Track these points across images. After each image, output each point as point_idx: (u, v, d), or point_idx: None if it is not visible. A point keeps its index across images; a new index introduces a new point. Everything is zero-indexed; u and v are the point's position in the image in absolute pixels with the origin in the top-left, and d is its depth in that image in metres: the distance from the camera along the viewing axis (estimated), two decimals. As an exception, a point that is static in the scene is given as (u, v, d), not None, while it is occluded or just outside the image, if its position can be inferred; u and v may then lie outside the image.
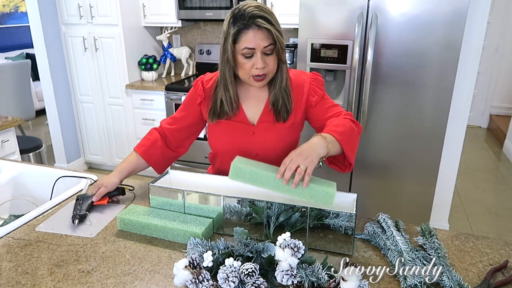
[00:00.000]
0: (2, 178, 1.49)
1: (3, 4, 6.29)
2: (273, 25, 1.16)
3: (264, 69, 1.20)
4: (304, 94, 1.32)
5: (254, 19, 1.15)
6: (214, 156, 1.44)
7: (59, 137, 3.57)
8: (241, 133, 1.33)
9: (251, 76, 1.22)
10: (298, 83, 1.33)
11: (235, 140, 1.33)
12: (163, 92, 3.15)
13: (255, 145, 1.32)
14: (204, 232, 1.06)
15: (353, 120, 1.28)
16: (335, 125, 1.22)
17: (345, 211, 1.01)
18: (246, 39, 1.17)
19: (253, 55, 1.19)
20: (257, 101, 1.33)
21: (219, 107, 1.30)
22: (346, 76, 2.34)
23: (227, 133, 1.34)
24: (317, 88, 1.33)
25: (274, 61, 1.22)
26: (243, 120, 1.33)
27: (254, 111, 1.33)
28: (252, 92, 1.33)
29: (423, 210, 2.44)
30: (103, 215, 1.22)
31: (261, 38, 1.16)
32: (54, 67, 3.39)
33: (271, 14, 1.18)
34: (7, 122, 2.32)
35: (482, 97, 5.00)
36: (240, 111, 1.33)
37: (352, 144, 1.22)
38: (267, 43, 1.17)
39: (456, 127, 2.44)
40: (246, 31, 1.16)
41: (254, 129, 1.32)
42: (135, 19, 3.30)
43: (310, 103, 1.32)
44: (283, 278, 0.86)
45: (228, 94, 1.28)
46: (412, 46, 2.17)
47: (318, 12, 2.29)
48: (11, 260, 1.01)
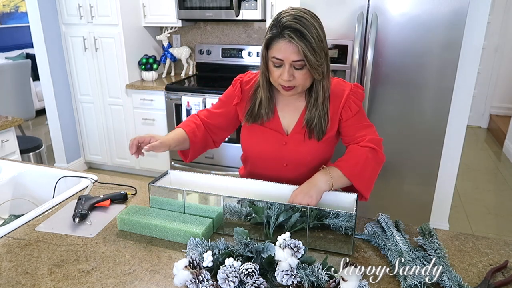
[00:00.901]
0: (2, 178, 1.49)
1: (3, 4, 6.29)
2: (306, 41, 1.08)
3: (290, 82, 1.15)
4: (340, 107, 1.25)
5: (286, 30, 1.08)
6: (245, 158, 1.41)
7: (59, 137, 3.57)
8: (274, 142, 1.29)
9: (279, 84, 1.18)
10: (335, 93, 1.25)
11: (267, 148, 1.30)
12: (163, 92, 3.15)
13: (286, 155, 1.28)
14: (204, 232, 1.06)
15: (374, 149, 1.21)
16: (349, 157, 1.21)
17: (345, 211, 1.01)
18: (276, 49, 1.11)
19: (282, 65, 1.13)
20: (293, 110, 1.28)
21: (257, 108, 1.27)
22: (346, 76, 2.34)
23: (260, 139, 1.30)
24: (354, 103, 1.25)
25: (304, 76, 1.14)
26: (277, 128, 1.28)
27: (289, 120, 1.29)
28: (290, 100, 1.28)
29: (423, 210, 2.44)
30: (103, 215, 1.22)
31: (291, 51, 1.10)
32: (54, 67, 3.39)
33: (310, 27, 1.09)
34: (7, 122, 2.32)
35: (482, 97, 5.00)
36: (275, 118, 1.28)
37: (364, 177, 1.19)
38: (297, 58, 1.10)
39: (456, 127, 2.44)
40: (278, 40, 1.11)
41: (287, 139, 1.28)
42: (135, 19, 3.30)
43: (341, 117, 1.26)
44: (283, 278, 0.86)
45: (264, 97, 1.25)
46: (412, 46, 2.17)
47: (318, 12, 2.25)
48: (11, 260, 1.01)
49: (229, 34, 3.47)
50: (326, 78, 1.19)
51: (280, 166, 1.29)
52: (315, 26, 1.11)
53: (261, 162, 1.15)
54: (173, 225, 1.08)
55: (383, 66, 2.25)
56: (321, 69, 1.15)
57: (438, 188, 2.45)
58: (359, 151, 1.21)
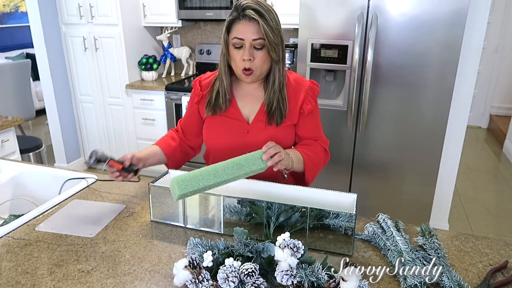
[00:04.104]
0: (2, 178, 1.49)
1: (3, 4, 6.29)
2: (265, 20, 1.16)
3: (251, 63, 1.20)
4: (300, 100, 1.32)
5: (246, 10, 1.16)
6: (208, 154, 1.43)
7: (59, 137, 3.57)
8: (236, 131, 1.32)
9: (240, 69, 1.22)
10: (296, 87, 1.32)
11: (230, 138, 1.33)
12: (163, 92, 3.15)
13: (248, 144, 1.31)
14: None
15: (326, 150, 1.40)
16: (310, 149, 1.33)
17: (345, 211, 1.01)
18: (237, 29, 1.18)
19: (243, 46, 1.19)
20: (253, 99, 1.33)
21: (214, 99, 1.31)
22: (346, 76, 2.34)
23: (222, 130, 1.34)
24: (312, 98, 1.33)
25: (263, 57, 1.21)
26: (238, 117, 1.32)
27: (250, 109, 1.33)
28: (249, 90, 1.33)
29: (423, 210, 2.44)
30: (103, 215, 1.22)
31: (251, 30, 1.17)
32: (54, 67, 3.39)
33: (269, 11, 1.18)
34: (7, 122, 2.32)
35: (482, 97, 5.00)
36: (235, 108, 1.33)
37: (315, 172, 1.35)
38: (257, 37, 1.17)
39: (456, 127, 2.44)
40: (238, 21, 1.18)
41: (249, 127, 1.32)
42: (135, 19, 3.30)
43: (302, 110, 1.32)
44: (283, 278, 0.86)
45: (223, 85, 1.29)
46: (412, 46, 2.17)
47: (318, 12, 2.29)
48: (11, 260, 1.01)
49: (229, 34, 3.47)
50: (282, 62, 1.26)
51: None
52: (272, 11, 1.20)
53: (224, 155, 1.16)
54: (232, 161, 1.07)
55: (383, 66, 2.25)
56: (279, 50, 1.22)
57: (438, 188, 2.46)
58: (318, 149, 1.36)
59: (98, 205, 1.28)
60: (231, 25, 1.20)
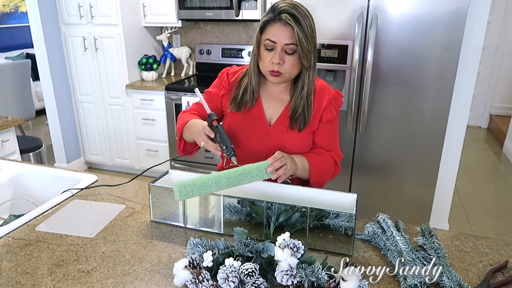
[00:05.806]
0: (2, 178, 1.49)
1: (3, 4, 6.29)
2: (300, 26, 1.14)
3: (280, 66, 1.19)
4: (322, 108, 1.31)
5: (283, 14, 1.14)
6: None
7: (59, 137, 3.57)
8: (256, 131, 1.31)
9: (268, 70, 1.21)
10: (320, 93, 1.31)
11: (249, 137, 1.32)
12: (163, 92, 3.15)
13: (267, 146, 1.30)
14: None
15: (337, 163, 1.36)
16: (319, 159, 1.31)
17: (345, 211, 1.01)
18: (271, 31, 1.17)
19: (274, 48, 1.18)
20: (278, 101, 1.32)
21: (241, 95, 1.30)
22: (346, 76, 2.34)
23: (242, 127, 1.32)
24: (334, 108, 1.32)
25: (293, 62, 1.19)
26: (261, 117, 1.31)
27: (273, 111, 1.32)
28: (275, 91, 1.32)
29: (423, 210, 2.44)
30: (103, 215, 1.22)
31: (285, 35, 1.15)
32: (54, 67, 3.39)
33: (305, 17, 1.15)
34: (7, 122, 2.32)
35: (482, 97, 5.00)
36: (260, 107, 1.31)
37: (320, 181, 1.32)
38: (289, 42, 1.15)
39: (456, 127, 2.44)
40: (273, 23, 1.16)
41: (270, 129, 1.31)
42: (135, 19, 3.30)
43: (322, 118, 1.31)
44: (283, 278, 0.86)
45: (251, 83, 1.28)
46: (412, 46, 2.17)
47: (318, 12, 2.29)
48: (11, 260, 1.01)
49: (229, 34, 3.47)
50: (313, 69, 1.24)
51: (260, 157, 1.28)
52: (308, 17, 1.17)
53: (242, 155, 1.17)
54: (237, 171, 1.08)
55: (383, 66, 2.25)
56: (310, 58, 1.20)
57: (438, 188, 2.45)
58: (328, 160, 1.33)
59: (98, 205, 1.28)
60: (265, 26, 1.18)
